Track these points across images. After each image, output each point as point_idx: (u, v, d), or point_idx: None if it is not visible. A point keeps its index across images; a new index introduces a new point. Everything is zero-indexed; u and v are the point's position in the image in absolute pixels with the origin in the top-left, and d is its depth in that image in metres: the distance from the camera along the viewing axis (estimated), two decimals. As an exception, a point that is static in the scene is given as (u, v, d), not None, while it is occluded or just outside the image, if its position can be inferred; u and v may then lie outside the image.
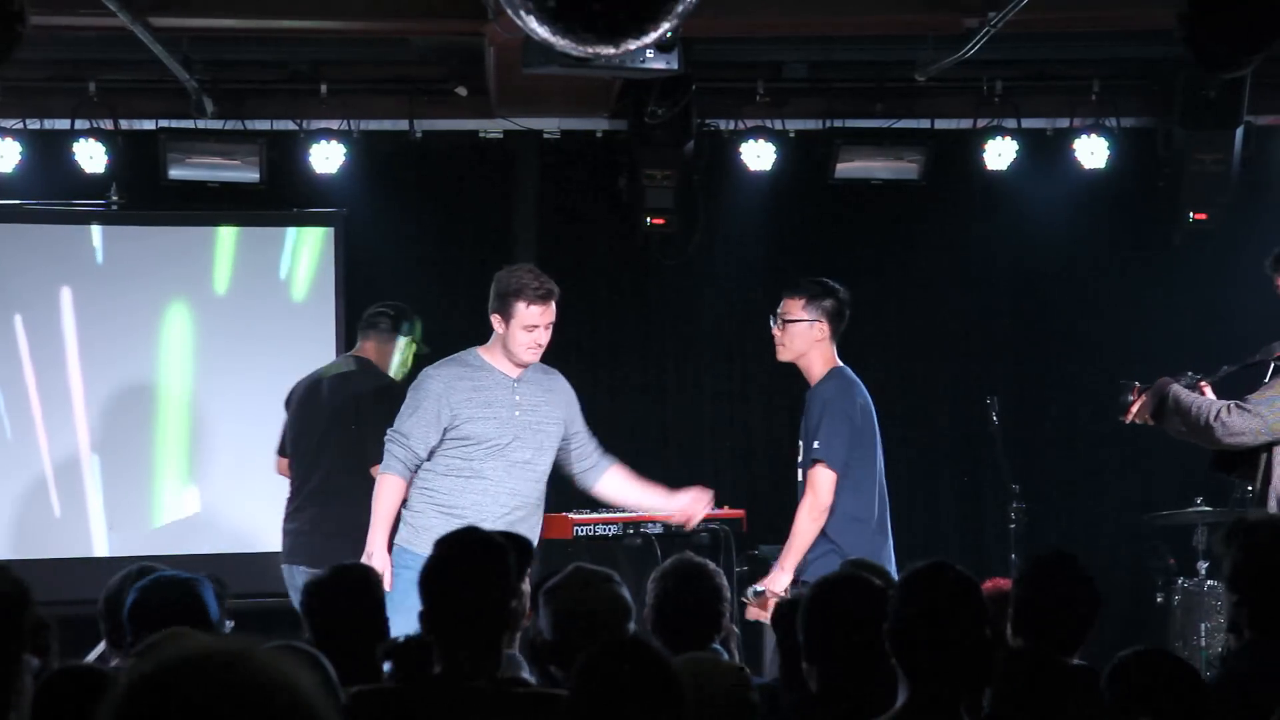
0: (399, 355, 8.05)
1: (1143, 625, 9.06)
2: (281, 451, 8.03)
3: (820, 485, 6.69)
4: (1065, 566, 4.59)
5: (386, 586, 6.03)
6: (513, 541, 4.21)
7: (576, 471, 7.03)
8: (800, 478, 6.84)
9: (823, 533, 6.71)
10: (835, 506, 6.71)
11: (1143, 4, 8.03)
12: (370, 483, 6.84)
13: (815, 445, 6.74)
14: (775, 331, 6.99)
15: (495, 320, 6.78)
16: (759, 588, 6.81)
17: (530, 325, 6.72)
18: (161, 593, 4.38)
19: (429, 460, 6.71)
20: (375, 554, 6.51)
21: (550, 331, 6.82)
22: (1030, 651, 4.30)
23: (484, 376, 6.78)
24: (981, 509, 10.12)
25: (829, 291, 6.95)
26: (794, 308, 6.96)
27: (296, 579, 7.41)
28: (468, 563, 3.93)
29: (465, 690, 3.85)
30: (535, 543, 6.71)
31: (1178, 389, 6.60)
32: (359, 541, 6.62)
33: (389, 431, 6.72)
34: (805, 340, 6.92)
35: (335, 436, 7.74)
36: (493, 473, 6.70)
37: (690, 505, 7.03)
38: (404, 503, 6.75)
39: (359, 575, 4.96)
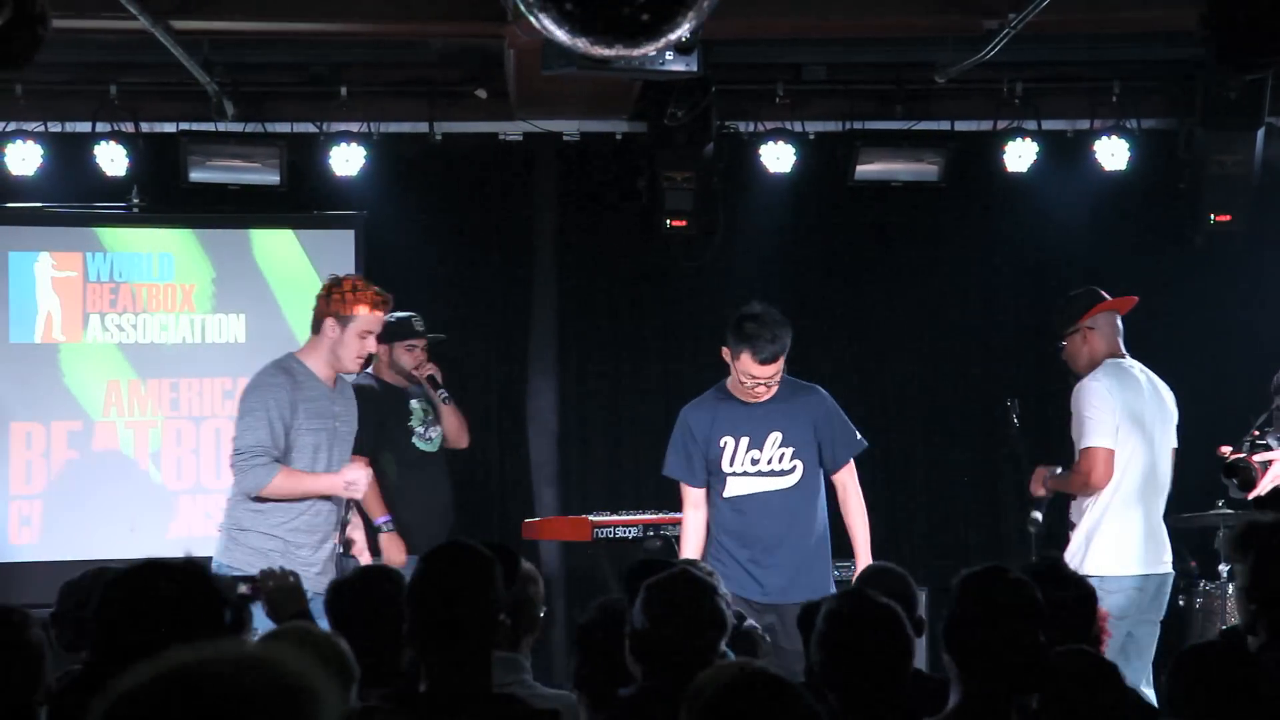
0: None
1: (1165, 628, 9.03)
2: None
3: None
4: (1054, 569, 4.66)
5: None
6: (499, 552, 4.15)
7: None
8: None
9: None
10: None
11: (1163, 5, 8.00)
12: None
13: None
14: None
15: (328, 325, 6.74)
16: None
17: (365, 331, 6.70)
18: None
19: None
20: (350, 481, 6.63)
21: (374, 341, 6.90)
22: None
23: (313, 386, 6.78)
24: (1002, 512, 10.10)
25: None
26: None
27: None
28: (453, 575, 3.86)
29: (455, 708, 3.78)
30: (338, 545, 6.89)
31: None
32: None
33: (251, 449, 6.69)
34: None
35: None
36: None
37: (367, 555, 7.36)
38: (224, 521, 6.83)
39: (383, 576, 4.97)
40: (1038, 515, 7.39)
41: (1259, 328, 9.80)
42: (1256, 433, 6.67)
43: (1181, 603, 8.80)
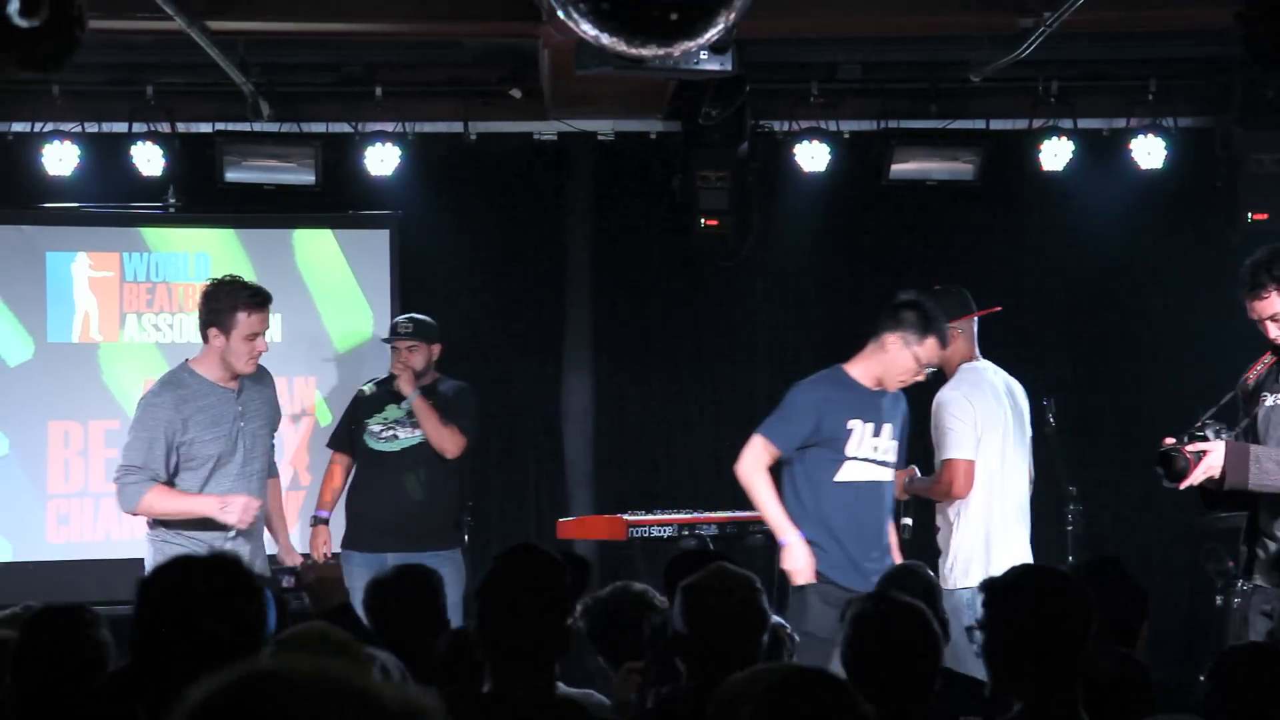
0: None
1: (1201, 628, 9.00)
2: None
3: None
4: (1109, 569, 4.61)
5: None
6: (570, 560, 4.14)
7: None
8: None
9: None
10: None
11: (1200, 3, 7.97)
12: None
13: None
14: None
15: (211, 334, 6.80)
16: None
17: (251, 334, 6.72)
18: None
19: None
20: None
21: (264, 340, 6.93)
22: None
23: (206, 394, 6.81)
24: (1039, 511, 10.05)
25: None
26: None
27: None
28: (528, 579, 3.85)
29: (519, 711, 3.78)
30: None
31: (1258, 449, 6.55)
32: None
33: (125, 469, 6.77)
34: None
35: None
36: (226, 487, 6.80)
37: (294, 556, 7.24)
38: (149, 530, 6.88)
39: (421, 575, 4.99)
40: (907, 520, 7.39)
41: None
42: (1200, 424, 6.62)
43: (1219, 602, 8.76)
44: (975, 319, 7.51)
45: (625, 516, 8.32)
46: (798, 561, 6.84)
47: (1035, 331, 10.29)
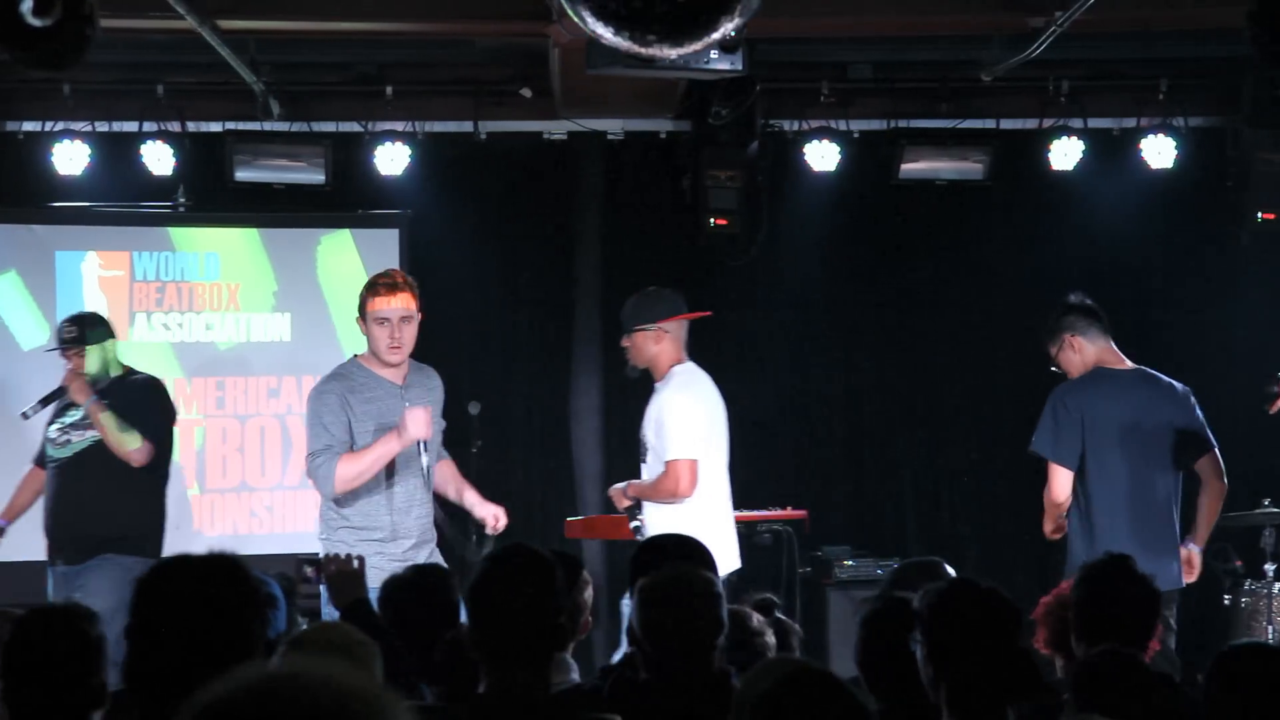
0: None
1: (1210, 627, 8.98)
2: None
3: None
4: (1120, 569, 4.61)
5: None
6: (560, 558, 4.14)
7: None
8: None
9: None
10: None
11: (1210, 3, 7.97)
12: None
13: None
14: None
15: (360, 325, 6.75)
16: None
17: (381, 318, 6.63)
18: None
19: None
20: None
21: (411, 326, 6.70)
22: (1110, 653, 4.26)
23: (374, 387, 6.72)
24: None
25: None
26: None
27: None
28: (517, 579, 3.85)
29: (514, 710, 3.78)
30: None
31: None
32: None
33: (313, 455, 6.65)
34: None
35: None
36: (400, 482, 6.68)
37: (493, 509, 6.95)
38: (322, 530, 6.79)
39: (436, 575, 5.01)
40: (637, 522, 7.32)
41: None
42: None
43: (1227, 601, 8.76)
44: (685, 321, 7.44)
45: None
46: None
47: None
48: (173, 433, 7.88)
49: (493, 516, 6.91)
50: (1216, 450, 7.31)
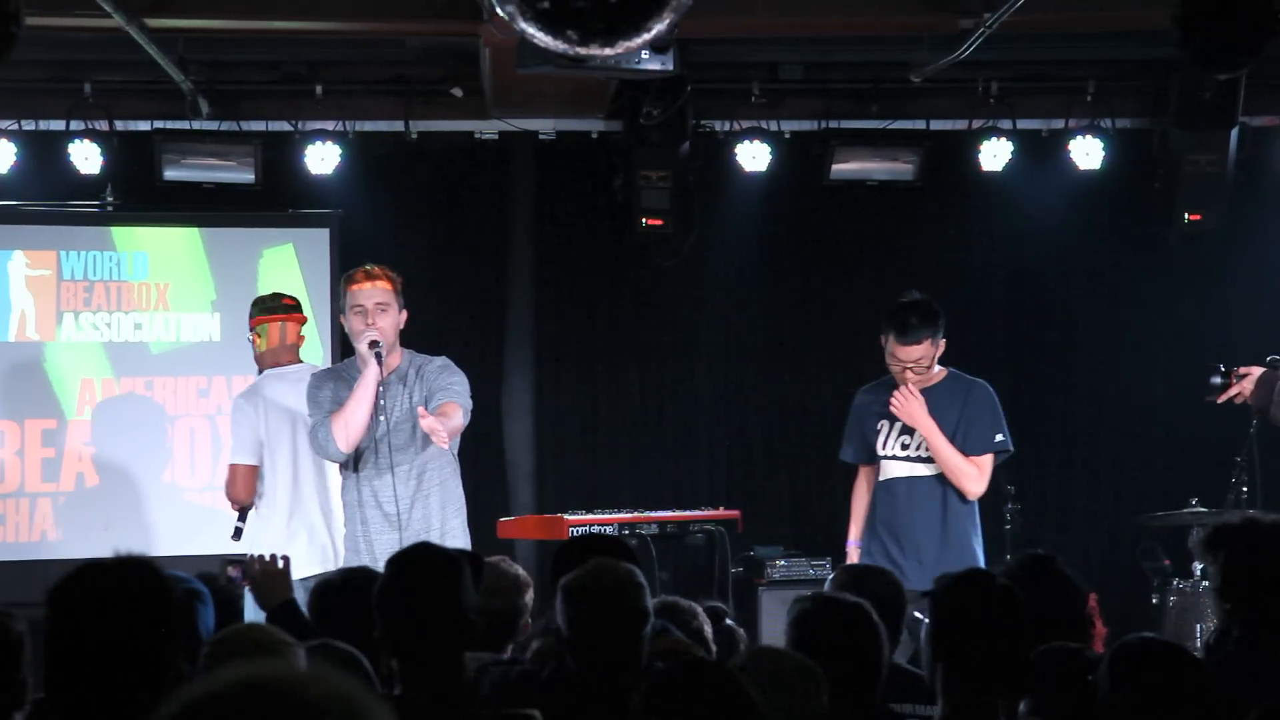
0: None
1: (1138, 626, 9.04)
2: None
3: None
4: (1043, 566, 4.64)
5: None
6: (467, 557, 4.12)
7: None
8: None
9: None
10: None
11: (1138, 5, 8.03)
12: None
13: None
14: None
15: (343, 320, 6.76)
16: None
17: (355, 305, 6.63)
18: None
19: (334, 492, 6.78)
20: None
21: (388, 315, 6.68)
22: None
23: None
24: (986, 512, 10.11)
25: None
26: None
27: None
28: (421, 579, 3.84)
29: (431, 712, 3.77)
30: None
31: None
32: None
33: (311, 431, 6.69)
34: None
35: None
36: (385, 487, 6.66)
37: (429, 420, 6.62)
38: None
39: (365, 577, 4.98)
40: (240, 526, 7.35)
41: (1231, 326, 9.84)
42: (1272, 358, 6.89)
43: (1155, 601, 8.83)
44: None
45: (565, 516, 8.30)
46: None
47: (973, 331, 10.33)
48: None
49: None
50: None
